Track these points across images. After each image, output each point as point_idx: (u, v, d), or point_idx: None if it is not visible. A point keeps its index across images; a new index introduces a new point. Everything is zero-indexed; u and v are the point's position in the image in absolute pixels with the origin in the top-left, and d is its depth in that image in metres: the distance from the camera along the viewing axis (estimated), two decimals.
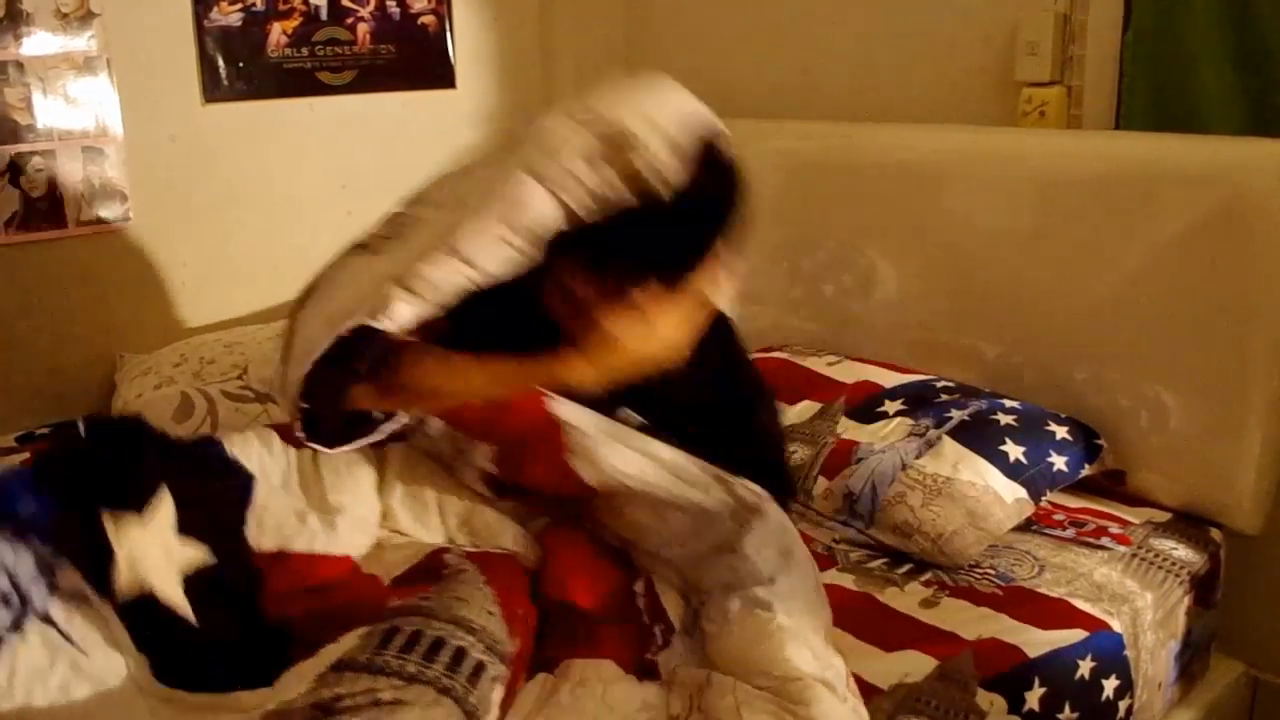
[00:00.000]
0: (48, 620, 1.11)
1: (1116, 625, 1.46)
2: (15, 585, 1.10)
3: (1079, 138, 1.92)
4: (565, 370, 1.24)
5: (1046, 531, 1.68)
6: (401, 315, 1.21)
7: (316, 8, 2.33)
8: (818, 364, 2.02)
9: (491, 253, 1.19)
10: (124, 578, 1.16)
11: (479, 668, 1.09)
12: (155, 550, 1.18)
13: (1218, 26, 1.77)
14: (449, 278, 1.20)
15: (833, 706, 1.13)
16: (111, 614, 1.15)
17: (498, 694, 1.11)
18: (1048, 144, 1.90)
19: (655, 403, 1.41)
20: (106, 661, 1.12)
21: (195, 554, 1.22)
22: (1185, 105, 1.82)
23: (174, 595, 1.18)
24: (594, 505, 1.36)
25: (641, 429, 1.40)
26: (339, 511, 1.35)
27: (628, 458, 1.31)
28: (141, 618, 1.16)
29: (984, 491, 1.61)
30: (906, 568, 1.58)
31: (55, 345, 2.14)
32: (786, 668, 1.16)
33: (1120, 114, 1.90)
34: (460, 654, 1.09)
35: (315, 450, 1.36)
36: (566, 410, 1.34)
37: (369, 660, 1.07)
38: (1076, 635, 1.42)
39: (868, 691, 1.29)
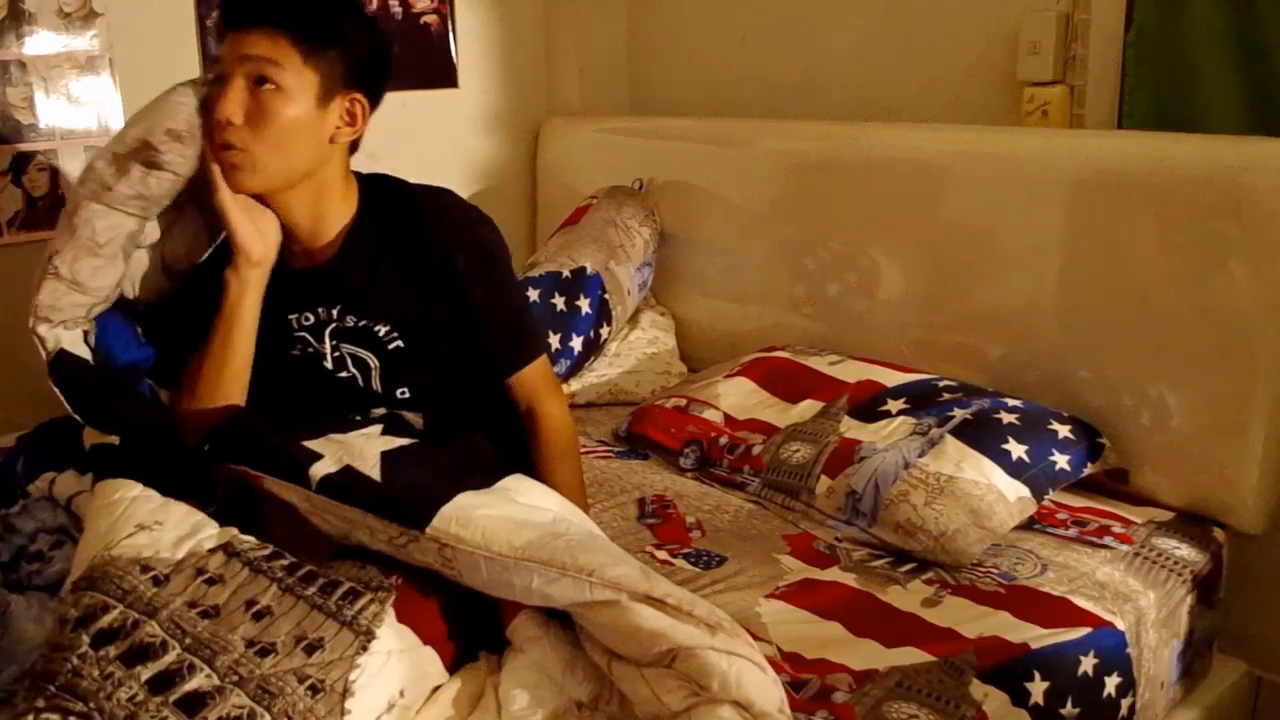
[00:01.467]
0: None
1: (1119, 623, 1.46)
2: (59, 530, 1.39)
3: (1081, 137, 1.92)
4: (235, 273, 1.43)
5: (1049, 530, 1.68)
6: (55, 339, 1.44)
7: None
8: (820, 363, 2.02)
9: (89, 269, 1.42)
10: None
11: (352, 592, 1.16)
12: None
13: (1220, 26, 1.77)
14: (65, 297, 1.43)
15: (730, 669, 1.10)
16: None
17: (387, 612, 1.15)
18: (1050, 143, 1.90)
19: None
20: None
21: None
22: (1187, 105, 1.83)
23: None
24: None
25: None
26: None
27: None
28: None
29: (987, 490, 1.61)
30: (909, 566, 1.58)
31: None
32: (659, 643, 1.12)
33: (1122, 113, 1.91)
34: (333, 584, 1.16)
35: None
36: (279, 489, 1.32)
37: (254, 559, 1.19)
38: (1079, 632, 1.42)
39: (862, 677, 1.30)
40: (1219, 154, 1.67)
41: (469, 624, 1.22)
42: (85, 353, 1.46)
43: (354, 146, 1.52)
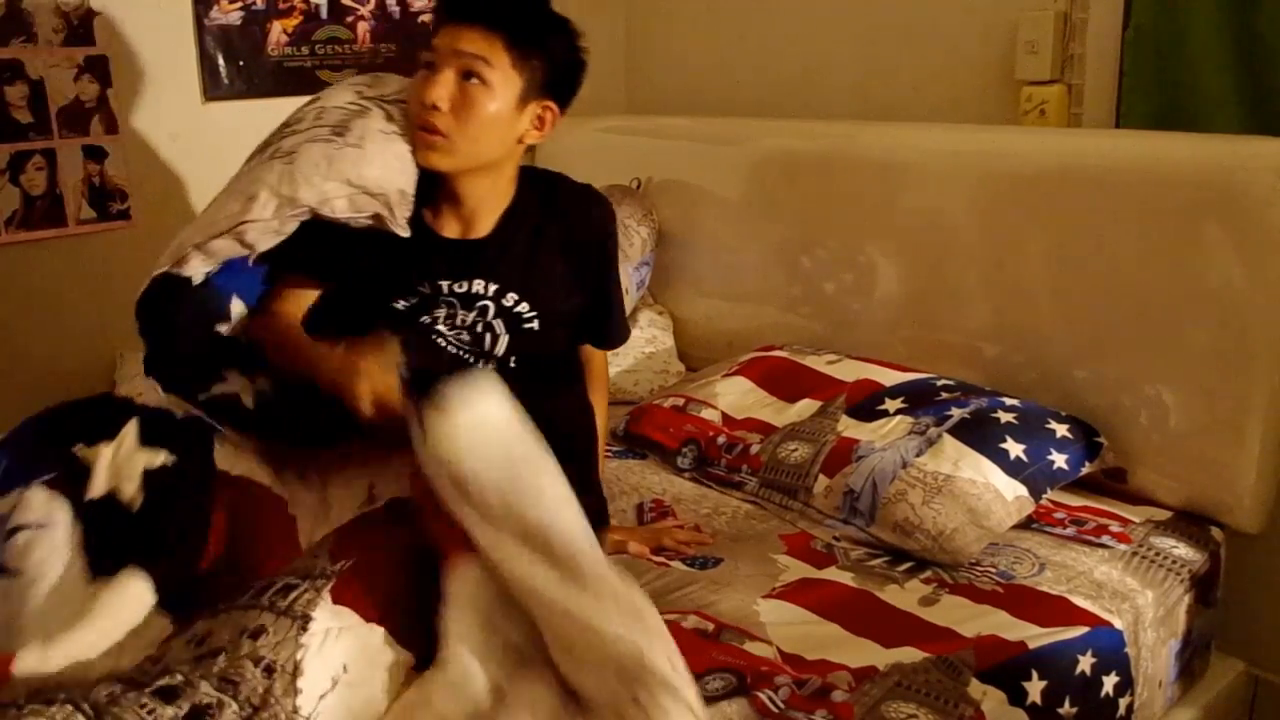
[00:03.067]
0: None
1: (1117, 623, 1.46)
2: None
3: (1079, 136, 1.92)
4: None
5: (1047, 529, 1.68)
6: (194, 268, 1.44)
7: (317, 6, 2.33)
8: (818, 362, 2.02)
9: (265, 240, 1.44)
10: (93, 484, 1.32)
11: (286, 587, 1.18)
12: (119, 455, 1.35)
13: (1217, 25, 1.77)
14: (229, 248, 1.43)
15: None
16: (64, 527, 1.27)
17: (322, 597, 1.17)
18: (1048, 143, 1.90)
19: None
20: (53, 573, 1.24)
21: (156, 456, 1.36)
22: (1185, 104, 1.83)
23: (128, 486, 1.32)
24: None
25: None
26: None
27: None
28: (98, 517, 1.30)
29: (984, 489, 1.61)
30: (907, 565, 1.58)
31: (55, 344, 2.14)
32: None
33: (1120, 112, 1.91)
34: (267, 585, 1.19)
35: None
36: None
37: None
38: (1077, 631, 1.42)
39: (863, 675, 1.30)
40: (1216, 153, 1.67)
41: (423, 601, 1.22)
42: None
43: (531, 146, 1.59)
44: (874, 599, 1.49)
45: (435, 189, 1.52)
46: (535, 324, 1.56)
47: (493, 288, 1.54)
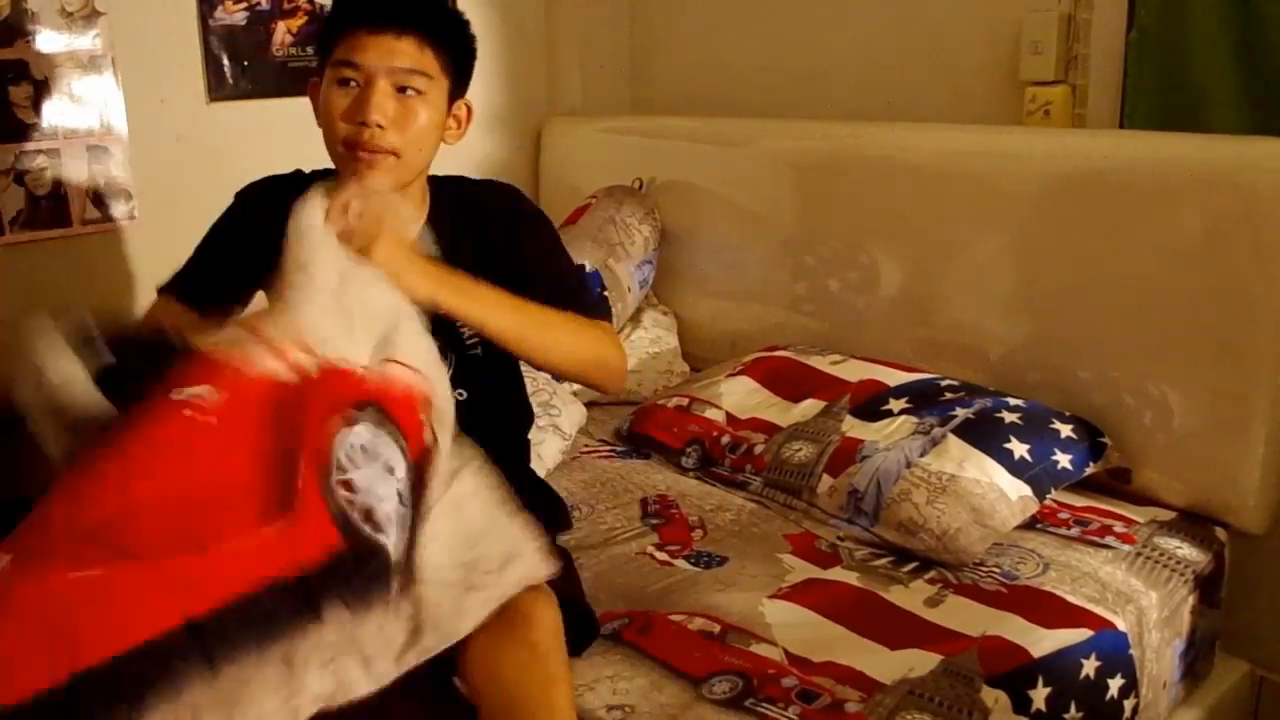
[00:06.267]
0: None
1: (1121, 624, 1.46)
2: None
3: (1083, 137, 1.92)
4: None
5: (1051, 530, 1.68)
6: None
7: (321, 6, 2.33)
8: (822, 362, 2.02)
9: None
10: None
11: None
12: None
13: (1221, 25, 1.77)
14: None
15: None
16: None
17: None
18: (1052, 143, 1.90)
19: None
20: None
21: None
22: (1189, 104, 1.83)
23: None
24: None
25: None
26: None
27: None
28: None
29: (989, 489, 1.61)
30: (911, 566, 1.58)
31: None
32: None
33: (1124, 113, 1.91)
34: None
35: None
36: None
37: None
38: (1081, 634, 1.42)
39: (870, 687, 1.29)
40: (1221, 153, 1.67)
41: None
42: None
43: None
44: (879, 599, 1.49)
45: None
46: (478, 349, 1.47)
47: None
